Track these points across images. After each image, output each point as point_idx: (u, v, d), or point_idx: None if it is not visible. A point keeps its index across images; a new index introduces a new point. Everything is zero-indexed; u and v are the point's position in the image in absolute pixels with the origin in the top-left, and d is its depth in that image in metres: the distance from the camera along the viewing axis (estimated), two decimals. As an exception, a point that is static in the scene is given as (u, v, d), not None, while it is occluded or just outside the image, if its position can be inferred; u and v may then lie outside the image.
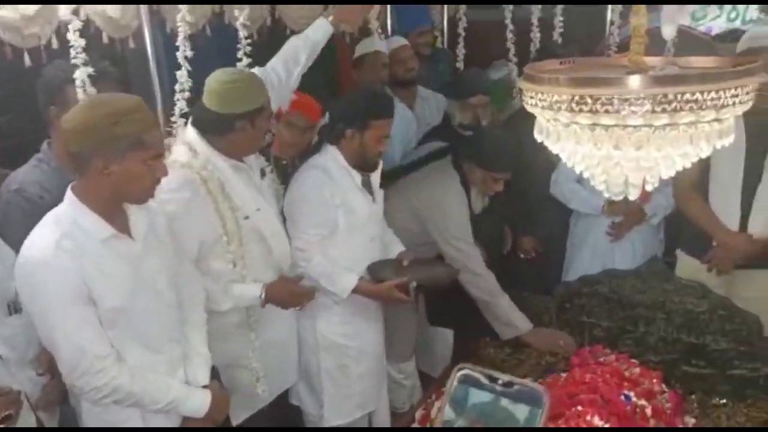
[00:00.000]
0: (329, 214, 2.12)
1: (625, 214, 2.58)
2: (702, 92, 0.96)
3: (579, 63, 1.27)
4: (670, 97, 0.96)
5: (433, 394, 2.25)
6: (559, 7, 3.01)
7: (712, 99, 0.96)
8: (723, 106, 0.98)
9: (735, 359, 2.08)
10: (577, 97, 1.01)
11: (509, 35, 3.13)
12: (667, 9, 1.04)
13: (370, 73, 2.85)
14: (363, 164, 2.15)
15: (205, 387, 1.71)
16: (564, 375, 1.77)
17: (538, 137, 1.18)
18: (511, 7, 3.07)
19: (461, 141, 2.42)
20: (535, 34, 3.09)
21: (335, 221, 2.13)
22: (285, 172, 2.27)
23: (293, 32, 2.41)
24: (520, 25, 3.12)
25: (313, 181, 2.10)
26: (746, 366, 2.07)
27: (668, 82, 0.97)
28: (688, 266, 2.48)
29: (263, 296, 1.96)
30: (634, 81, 0.98)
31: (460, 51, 3.25)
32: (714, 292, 2.10)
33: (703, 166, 2.34)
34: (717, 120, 1.01)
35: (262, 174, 2.05)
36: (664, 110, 0.96)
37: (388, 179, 2.47)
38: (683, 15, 1.03)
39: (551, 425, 1.50)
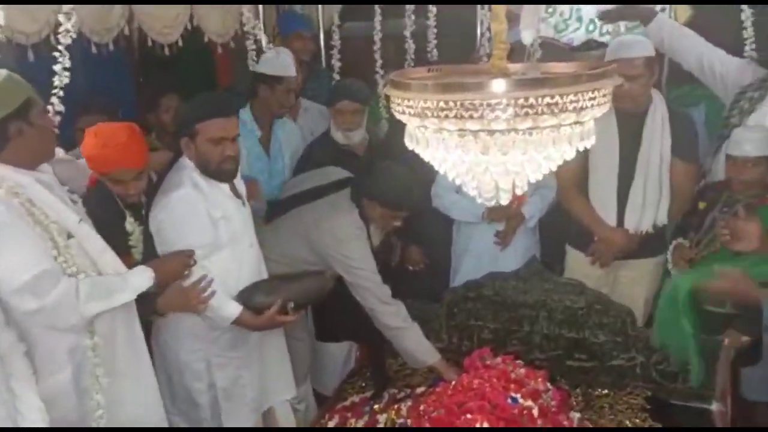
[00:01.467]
0: (211, 230, 1.98)
1: (507, 220, 2.65)
2: (561, 95, 0.96)
3: (446, 70, 1.26)
4: (532, 101, 0.95)
5: (326, 413, 2.18)
6: (432, 19, 3.06)
7: (571, 101, 0.97)
8: (582, 109, 1.00)
9: (613, 351, 2.19)
10: (442, 103, 0.99)
11: (378, 48, 3.13)
12: (525, 15, 1.05)
13: (282, 97, 2.71)
14: (215, 173, 1.98)
15: None
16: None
17: (409, 144, 1.15)
18: (379, 19, 3.09)
19: (361, 176, 2.35)
20: (410, 46, 3.13)
21: (218, 235, 2.00)
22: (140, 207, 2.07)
23: (154, 44, 2.27)
24: (396, 39, 3.14)
25: (185, 200, 1.95)
26: (623, 356, 2.19)
27: (529, 86, 0.97)
28: (575, 259, 2.61)
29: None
30: (497, 85, 0.97)
31: (336, 63, 3.23)
32: (590, 288, 2.21)
33: (584, 166, 2.48)
34: (578, 122, 1.03)
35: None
36: (527, 114, 0.96)
37: (282, 208, 2.37)
38: (538, 21, 1.05)
39: (442, 438, 1.48)
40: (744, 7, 2.63)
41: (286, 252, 2.29)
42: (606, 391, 2.16)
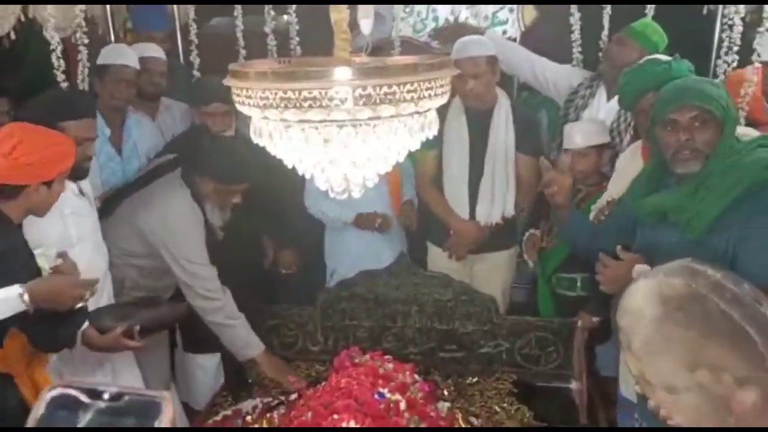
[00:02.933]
0: (61, 227, 1.93)
1: (378, 225, 2.69)
2: (399, 85, 0.97)
3: (296, 62, 1.24)
4: (370, 90, 0.95)
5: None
6: (294, 16, 3.02)
7: (408, 91, 0.98)
8: (420, 99, 1.01)
9: (480, 339, 2.27)
10: (281, 93, 0.96)
11: (241, 45, 3.05)
12: (362, 6, 1.05)
13: (112, 88, 2.51)
14: (73, 172, 1.85)
15: None
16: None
17: (254, 138, 1.11)
18: (240, 15, 3.01)
19: (190, 153, 2.25)
20: (272, 43, 3.07)
21: (68, 232, 1.95)
22: None
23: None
24: (261, 35, 3.07)
25: None
26: (490, 344, 2.27)
27: (367, 75, 0.96)
28: (435, 254, 2.70)
29: (26, 297, 1.56)
30: (336, 74, 0.95)
31: (195, 60, 3.09)
32: (456, 279, 2.27)
33: (439, 162, 2.58)
34: (418, 113, 1.04)
35: None
36: (365, 103, 0.96)
37: (112, 201, 2.26)
38: (372, 11, 1.05)
39: (309, 440, 1.44)
40: (574, 10, 2.87)
41: (117, 244, 2.19)
42: (476, 379, 2.23)
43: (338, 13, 1.04)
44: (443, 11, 3.23)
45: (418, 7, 3.23)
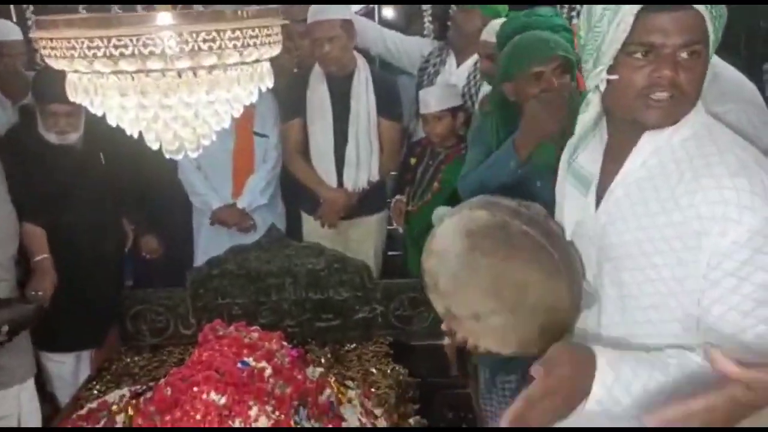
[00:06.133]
0: None
1: (234, 222, 2.66)
2: (219, 31, 0.94)
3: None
4: (187, 37, 0.91)
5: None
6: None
7: (231, 39, 0.95)
8: (245, 47, 0.98)
9: (355, 305, 2.30)
10: (87, 41, 0.89)
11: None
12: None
13: None
14: None
15: None
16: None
17: (71, 95, 1.03)
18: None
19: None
20: None
21: None
22: None
23: None
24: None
25: None
26: (365, 309, 2.31)
27: (185, 21, 0.92)
28: (309, 223, 2.71)
29: None
30: (148, 19, 0.90)
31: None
32: (328, 248, 2.28)
33: (305, 132, 2.58)
34: (245, 63, 1.01)
35: None
36: (182, 50, 0.92)
37: None
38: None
39: (167, 417, 1.39)
40: None
41: None
42: (354, 345, 2.27)
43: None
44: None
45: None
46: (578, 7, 2.92)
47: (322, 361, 2.12)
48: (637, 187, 1.08)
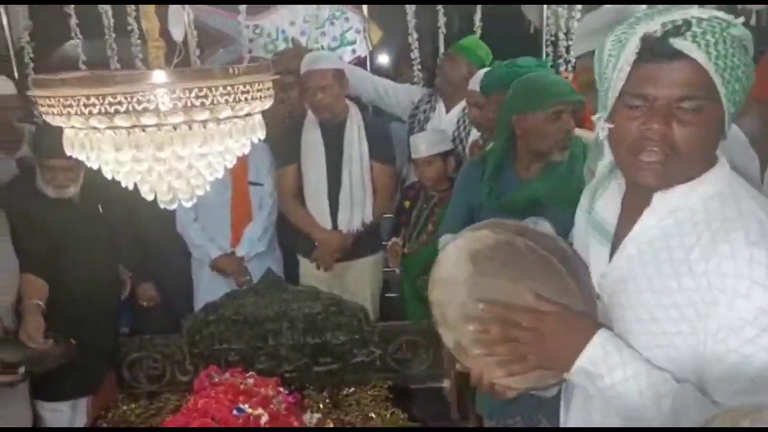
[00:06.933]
0: None
1: (233, 271, 2.69)
2: (211, 88, 0.98)
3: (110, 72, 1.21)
4: (180, 93, 0.95)
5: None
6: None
7: (223, 94, 0.99)
8: (237, 102, 1.02)
9: (353, 349, 2.29)
10: (84, 99, 0.93)
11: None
12: (172, 13, 1.05)
13: None
14: None
15: None
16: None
17: (68, 150, 1.06)
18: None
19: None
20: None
21: None
22: None
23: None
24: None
25: None
26: (363, 352, 2.30)
27: (178, 79, 0.96)
28: (306, 267, 2.73)
29: None
30: (143, 78, 0.94)
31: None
32: (324, 291, 2.29)
33: (299, 176, 2.63)
34: (237, 117, 1.05)
35: None
36: (175, 107, 0.96)
37: None
38: (182, 18, 1.06)
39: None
40: (412, 30, 3.15)
41: None
42: (353, 390, 2.25)
43: (149, 22, 1.04)
44: (293, 31, 3.32)
45: (268, 28, 3.31)
46: (565, 54, 3.01)
47: (320, 406, 2.11)
48: (650, 247, 1.01)
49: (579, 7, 3.04)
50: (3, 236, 2.21)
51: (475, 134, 2.51)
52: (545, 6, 3.20)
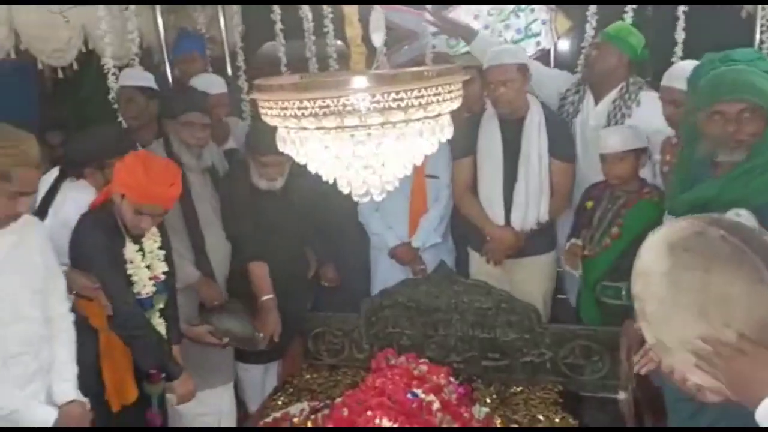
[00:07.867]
0: None
1: (409, 260, 2.80)
2: (406, 91, 1.04)
3: (314, 75, 1.33)
4: (379, 97, 1.03)
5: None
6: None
7: (416, 97, 1.05)
8: (428, 104, 1.07)
9: (523, 348, 2.27)
10: (297, 102, 1.05)
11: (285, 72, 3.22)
12: (373, 19, 1.13)
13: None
14: None
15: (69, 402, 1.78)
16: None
17: (281, 147, 1.20)
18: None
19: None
20: (314, 66, 3.19)
21: None
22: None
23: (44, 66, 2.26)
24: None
25: None
26: (533, 352, 2.27)
27: (377, 83, 1.04)
28: (476, 260, 2.73)
29: None
30: (348, 83, 1.03)
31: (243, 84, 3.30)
32: (495, 287, 2.29)
33: (474, 169, 2.63)
34: (428, 117, 1.10)
35: None
36: (375, 109, 1.03)
37: None
38: (383, 24, 1.13)
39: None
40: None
41: None
42: (521, 388, 2.23)
43: (352, 30, 1.13)
44: (477, 25, 3.28)
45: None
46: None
47: (488, 401, 2.13)
48: None
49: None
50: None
51: (669, 132, 2.29)
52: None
